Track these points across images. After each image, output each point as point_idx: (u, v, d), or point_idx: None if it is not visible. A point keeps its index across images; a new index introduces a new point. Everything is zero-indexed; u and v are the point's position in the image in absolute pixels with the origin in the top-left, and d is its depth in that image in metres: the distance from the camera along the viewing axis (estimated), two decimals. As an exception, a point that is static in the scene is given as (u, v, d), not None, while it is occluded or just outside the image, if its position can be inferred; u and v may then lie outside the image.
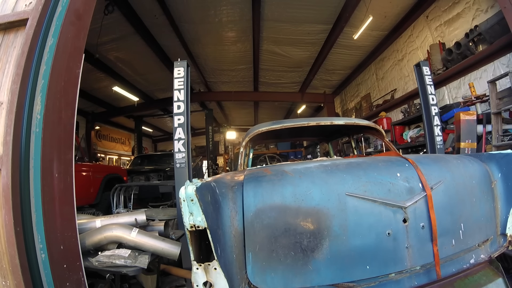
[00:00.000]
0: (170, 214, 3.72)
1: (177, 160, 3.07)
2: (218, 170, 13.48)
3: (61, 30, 2.13)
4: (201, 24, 7.31)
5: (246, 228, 1.38)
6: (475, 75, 5.47)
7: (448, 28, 6.15)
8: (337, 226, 1.40)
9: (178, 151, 3.07)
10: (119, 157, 16.59)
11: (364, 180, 1.51)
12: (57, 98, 2.03)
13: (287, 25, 7.36)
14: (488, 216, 1.71)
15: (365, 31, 7.42)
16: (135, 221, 2.24)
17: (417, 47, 7.08)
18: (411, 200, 1.47)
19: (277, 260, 1.36)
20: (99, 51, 8.34)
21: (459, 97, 5.78)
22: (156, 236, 2.08)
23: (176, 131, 3.11)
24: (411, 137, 6.26)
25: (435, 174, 1.61)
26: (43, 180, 1.84)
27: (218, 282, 1.32)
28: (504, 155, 1.84)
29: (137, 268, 1.74)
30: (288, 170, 1.61)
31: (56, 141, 1.98)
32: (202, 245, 1.45)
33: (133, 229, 2.09)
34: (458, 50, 5.52)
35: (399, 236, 1.43)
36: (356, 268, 1.40)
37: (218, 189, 1.47)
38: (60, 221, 1.91)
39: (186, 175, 3.03)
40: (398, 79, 7.91)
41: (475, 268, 1.63)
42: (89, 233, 2.11)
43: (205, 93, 12.26)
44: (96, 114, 13.50)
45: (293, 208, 1.41)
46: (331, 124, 2.87)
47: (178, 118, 3.14)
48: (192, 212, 1.30)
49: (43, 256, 1.81)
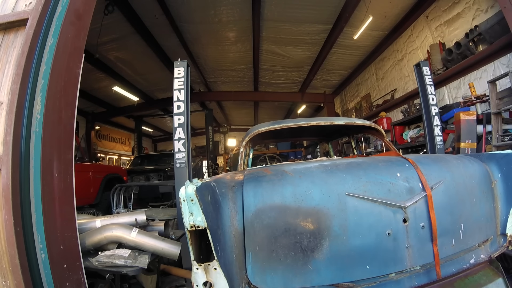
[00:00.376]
0: (170, 214, 3.72)
1: (177, 160, 3.07)
2: (218, 170, 13.47)
3: (61, 30, 2.13)
4: (201, 24, 7.31)
5: (246, 228, 1.38)
6: (475, 75, 5.47)
7: (448, 28, 6.15)
8: (337, 226, 1.39)
9: (178, 151, 3.07)
10: (119, 157, 16.58)
11: (364, 180, 1.50)
12: (57, 98, 2.04)
13: (287, 25, 7.36)
14: (488, 216, 1.70)
15: (365, 31, 7.42)
16: (135, 221, 2.24)
17: (417, 47, 7.08)
18: (411, 200, 1.47)
19: (277, 260, 1.36)
20: (99, 51, 8.34)
21: (459, 97, 5.78)
22: (156, 236, 2.08)
23: (176, 131, 3.11)
24: (411, 137, 6.26)
25: (435, 174, 1.61)
26: (43, 180, 1.84)
27: (218, 282, 1.31)
28: (504, 155, 1.84)
29: (137, 268, 1.74)
30: (288, 170, 1.61)
31: (56, 141, 1.98)
32: (202, 245, 1.44)
33: (133, 229, 2.09)
34: (458, 50, 5.52)
35: (399, 236, 1.43)
36: (356, 268, 1.40)
37: (218, 189, 1.47)
38: (60, 221, 1.91)
39: (186, 175, 3.03)
40: (398, 79, 7.91)
41: (475, 268, 1.63)
42: (89, 233, 2.11)
43: (205, 93, 12.27)
44: (96, 114, 13.50)
45: (293, 208, 1.41)
46: (331, 124, 2.88)
47: (178, 118, 3.14)
48: (192, 212, 1.29)
49: (43, 256, 1.81)
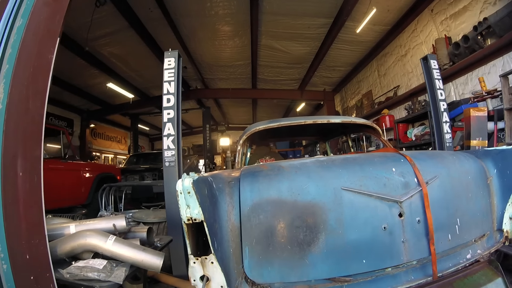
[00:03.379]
0: (161, 217, 3.46)
1: (166, 158, 2.81)
2: (215, 169, 13.29)
3: (32, 11, 1.89)
4: (197, 17, 7.04)
5: (242, 222, 1.38)
6: (483, 70, 5.24)
7: (454, 21, 5.92)
8: (333, 220, 1.39)
9: (167, 148, 2.81)
10: (115, 155, 16.30)
11: (360, 174, 1.50)
12: (24, 86, 1.77)
13: (287, 18, 7.10)
14: (484, 211, 1.71)
15: (367, 26, 7.19)
16: (114, 227, 1.98)
17: (421, 42, 6.84)
18: (406, 195, 1.46)
19: (273, 254, 1.36)
20: (92, 45, 8.08)
21: (466, 93, 5.56)
22: (135, 245, 1.81)
23: (165, 126, 2.85)
24: (416, 135, 6.01)
25: (430, 170, 1.60)
26: (4, 179, 1.58)
27: (215, 276, 1.31)
28: (500, 151, 1.84)
29: (111, 283, 1.48)
30: (285, 166, 1.61)
31: (21, 135, 1.72)
32: (199, 239, 1.43)
33: (109, 237, 1.83)
34: (465, 44, 5.28)
35: (395, 230, 1.43)
36: (353, 262, 1.39)
37: (215, 183, 1.45)
38: (25, 226, 1.66)
39: (175, 174, 2.77)
40: (401, 75, 7.67)
41: (475, 268, 1.62)
42: (62, 240, 1.84)
43: (202, 90, 11.99)
44: (91, 112, 13.23)
45: (289, 202, 1.40)
46: (328, 123, 2.92)
47: (168, 113, 2.88)
48: (189, 205, 1.27)
49: (5, 267, 1.56)
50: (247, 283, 1.36)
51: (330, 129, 3.86)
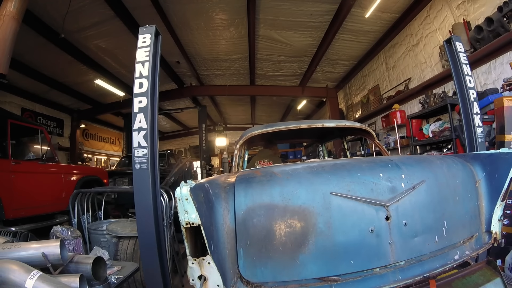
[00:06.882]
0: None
1: (136, 158, 2.15)
2: (212, 171, 12.70)
3: None
4: (188, 3, 6.40)
5: (237, 226, 1.45)
6: (508, 57, 4.63)
7: (473, 5, 5.30)
8: (322, 223, 1.45)
9: (138, 146, 2.15)
10: (108, 157, 15.65)
11: (348, 180, 1.55)
12: None
13: (287, 4, 6.45)
14: (473, 213, 1.77)
15: (374, 13, 6.57)
16: (44, 257, 1.35)
17: (435, 29, 6.20)
18: (393, 199, 1.51)
19: (266, 255, 1.43)
20: (77, 38, 7.52)
21: (489, 84, 4.93)
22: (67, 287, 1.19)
23: (135, 118, 2.18)
24: (434, 131, 5.33)
25: (417, 174, 1.65)
26: None
27: (212, 275, 1.36)
28: (488, 155, 1.89)
29: None
30: (277, 172, 1.67)
31: None
32: (197, 242, 1.44)
33: (32, 273, 1.21)
34: (489, 27, 4.66)
35: (382, 233, 1.47)
36: (341, 262, 1.44)
37: (211, 189, 1.51)
38: None
39: (148, 179, 2.13)
40: (413, 67, 7.02)
41: (473, 268, 1.72)
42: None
43: (197, 87, 11.33)
44: (82, 112, 12.62)
45: (280, 207, 1.46)
46: (322, 127, 3.05)
47: (139, 101, 2.22)
48: (187, 210, 1.30)
49: None
50: (242, 282, 1.42)
51: (325, 132, 3.99)
